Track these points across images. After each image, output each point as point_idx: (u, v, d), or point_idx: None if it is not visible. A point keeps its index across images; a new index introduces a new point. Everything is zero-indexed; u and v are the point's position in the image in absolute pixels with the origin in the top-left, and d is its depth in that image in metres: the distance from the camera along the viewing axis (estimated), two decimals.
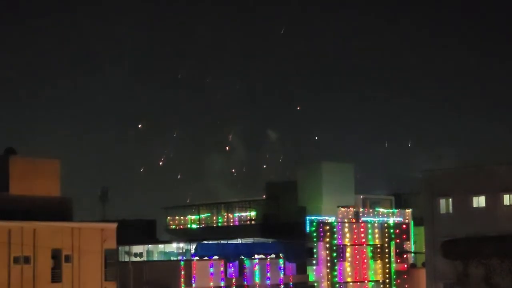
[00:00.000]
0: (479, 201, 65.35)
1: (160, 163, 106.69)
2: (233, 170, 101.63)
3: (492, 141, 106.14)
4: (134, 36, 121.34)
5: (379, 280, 77.63)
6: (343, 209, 77.70)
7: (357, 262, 76.41)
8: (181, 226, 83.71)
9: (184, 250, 71.17)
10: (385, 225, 78.82)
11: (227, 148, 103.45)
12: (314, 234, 73.91)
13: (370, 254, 77.49)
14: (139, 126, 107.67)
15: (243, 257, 68.28)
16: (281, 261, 70.10)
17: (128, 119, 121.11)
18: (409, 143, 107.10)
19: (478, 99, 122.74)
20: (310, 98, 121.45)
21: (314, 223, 74.19)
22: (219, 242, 69.75)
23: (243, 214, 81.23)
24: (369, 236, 77.52)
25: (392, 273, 78.36)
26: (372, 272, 77.41)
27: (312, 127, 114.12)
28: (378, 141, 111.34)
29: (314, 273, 73.96)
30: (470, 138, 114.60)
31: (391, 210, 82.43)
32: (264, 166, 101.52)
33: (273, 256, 70.07)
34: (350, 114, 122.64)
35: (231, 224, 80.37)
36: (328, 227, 74.61)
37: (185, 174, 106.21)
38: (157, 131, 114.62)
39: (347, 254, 75.73)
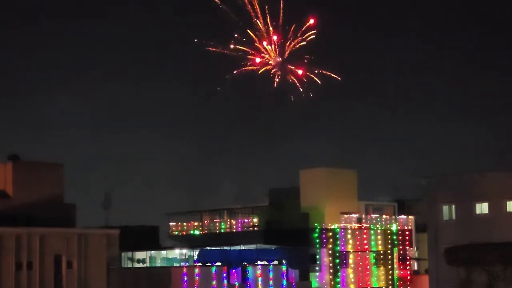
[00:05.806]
0: (482, 208, 65.32)
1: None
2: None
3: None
4: None
5: (382, 287, 77.54)
6: (346, 215, 77.71)
7: (360, 269, 76.33)
8: (184, 232, 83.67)
9: (187, 256, 71.22)
10: (388, 231, 78.77)
11: None
12: (317, 240, 73.87)
13: (373, 261, 77.42)
14: None
15: (246, 263, 68.17)
16: (284, 268, 69.98)
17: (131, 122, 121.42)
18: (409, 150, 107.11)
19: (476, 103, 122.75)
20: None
21: (317, 230, 74.18)
22: (222, 248, 69.70)
23: (246, 220, 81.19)
24: (372, 243, 77.46)
25: (395, 280, 78.28)
26: (375, 278, 77.33)
27: (312, 133, 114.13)
28: (380, 147, 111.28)
29: (317, 279, 73.90)
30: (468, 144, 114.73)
31: (394, 217, 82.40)
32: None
33: (276, 262, 69.94)
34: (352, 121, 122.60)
35: (234, 231, 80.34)
36: (331, 234, 74.55)
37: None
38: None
39: (350, 261, 75.65)
